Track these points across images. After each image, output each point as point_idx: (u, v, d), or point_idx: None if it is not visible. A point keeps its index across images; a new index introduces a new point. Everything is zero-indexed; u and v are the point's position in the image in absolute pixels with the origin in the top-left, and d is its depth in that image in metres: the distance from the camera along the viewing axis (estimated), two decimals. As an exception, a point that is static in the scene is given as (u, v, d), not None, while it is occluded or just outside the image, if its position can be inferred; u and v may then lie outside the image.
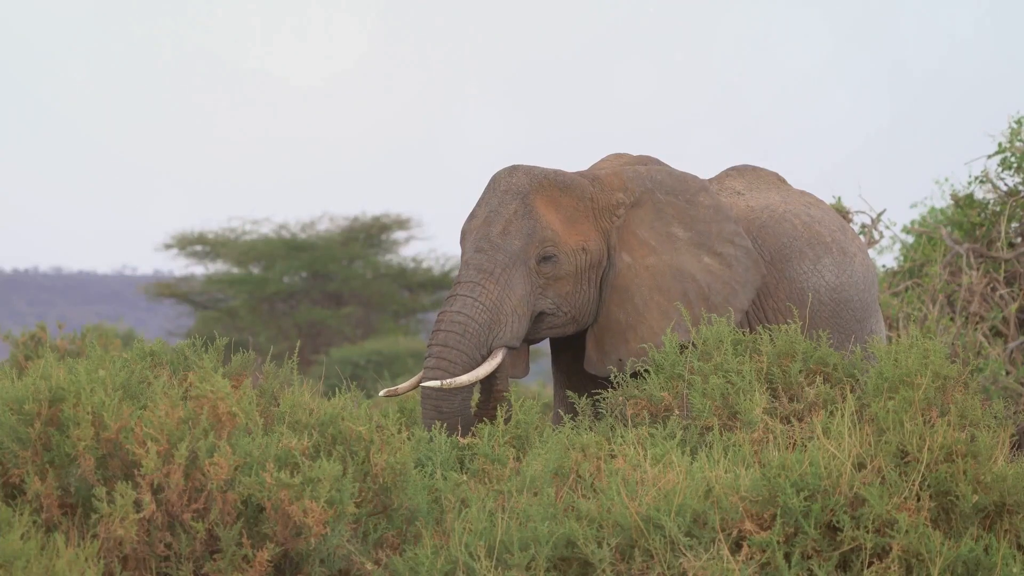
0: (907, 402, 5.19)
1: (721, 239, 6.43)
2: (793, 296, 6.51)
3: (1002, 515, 4.90)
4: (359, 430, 5.07)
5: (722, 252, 6.42)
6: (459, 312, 6.11)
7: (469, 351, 6.10)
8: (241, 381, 5.36)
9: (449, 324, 6.11)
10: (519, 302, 6.17)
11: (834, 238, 6.69)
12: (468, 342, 6.09)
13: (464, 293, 6.14)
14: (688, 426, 5.65)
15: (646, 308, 6.30)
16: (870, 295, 6.78)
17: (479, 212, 6.30)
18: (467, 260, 6.21)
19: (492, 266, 6.16)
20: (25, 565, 4.54)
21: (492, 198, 6.29)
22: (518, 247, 6.18)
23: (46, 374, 5.00)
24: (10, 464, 4.89)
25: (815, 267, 6.58)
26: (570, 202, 6.30)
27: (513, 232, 6.20)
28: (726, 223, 6.45)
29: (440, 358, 6.09)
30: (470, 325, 6.09)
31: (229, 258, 28.43)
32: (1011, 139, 9.19)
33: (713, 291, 6.37)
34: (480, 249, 6.20)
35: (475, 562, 4.77)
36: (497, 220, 6.22)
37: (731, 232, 6.45)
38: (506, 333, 6.14)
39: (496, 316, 6.12)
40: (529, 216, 6.21)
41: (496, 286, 6.14)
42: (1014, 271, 9.08)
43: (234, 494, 4.81)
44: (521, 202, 6.24)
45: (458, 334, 6.09)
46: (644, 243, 6.38)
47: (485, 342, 6.12)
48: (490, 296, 6.13)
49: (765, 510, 4.82)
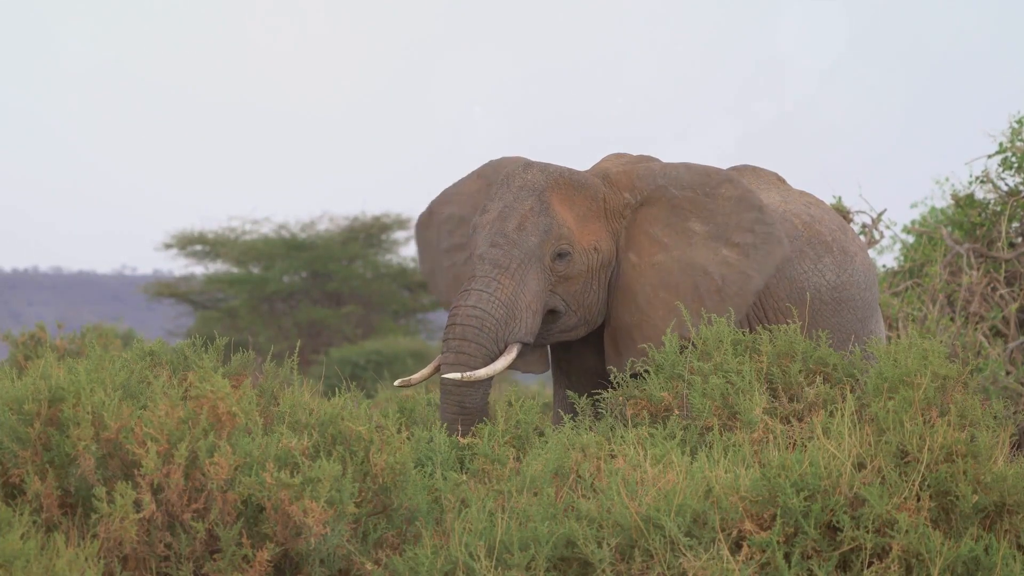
0: (907, 402, 5.19)
1: (740, 229, 6.40)
2: (794, 296, 6.51)
3: (1002, 515, 4.90)
4: (359, 430, 5.07)
5: (740, 242, 6.39)
6: (475, 306, 6.08)
7: (487, 344, 6.07)
8: (241, 381, 5.36)
9: (465, 318, 6.08)
10: (533, 298, 6.15)
11: (835, 238, 6.69)
12: (486, 336, 6.06)
13: (480, 288, 6.11)
14: (688, 426, 5.65)
15: (649, 306, 6.29)
16: (871, 294, 6.77)
17: (492, 207, 6.26)
18: (482, 254, 6.17)
19: (508, 261, 6.14)
20: (25, 565, 4.53)
21: (506, 193, 6.26)
22: (534, 243, 6.16)
23: (46, 374, 5.00)
24: (10, 464, 4.89)
25: (816, 267, 6.58)
26: (583, 201, 6.29)
27: (529, 228, 6.17)
28: (747, 212, 6.40)
29: (459, 352, 6.06)
30: (487, 319, 6.06)
31: (229, 258, 28.42)
32: (1012, 139, 9.19)
33: (728, 282, 6.33)
34: (495, 244, 6.17)
35: (475, 562, 4.77)
36: (513, 216, 6.20)
37: (751, 220, 6.41)
38: (521, 328, 6.12)
39: (511, 311, 6.09)
40: (545, 213, 6.19)
41: (511, 281, 6.12)
42: (1014, 271, 9.08)
43: (234, 494, 4.81)
44: (537, 199, 6.21)
45: (475, 328, 6.06)
46: (655, 241, 6.36)
47: (501, 337, 6.09)
48: (505, 291, 6.10)
49: (765, 510, 4.82)
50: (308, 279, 28.31)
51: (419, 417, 6.49)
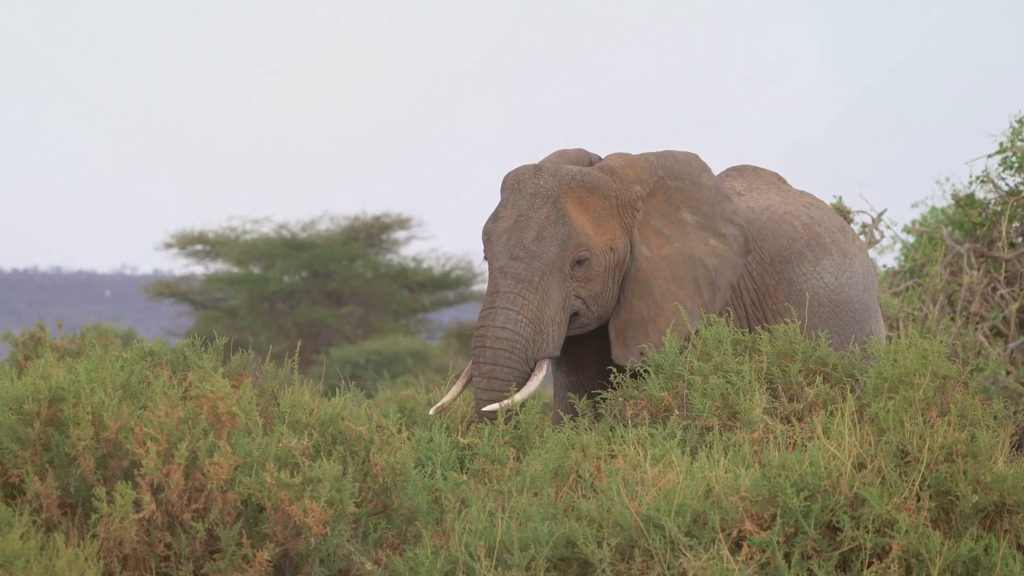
0: (907, 402, 5.19)
1: (723, 219, 6.43)
2: (792, 297, 6.51)
3: (1002, 515, 4.90)
4: (359, 430, 5.07)
5: (724, 232, 6.42)
6: (504, 328, 6.03)
7: (519, 367, 6.03)
8: (241, 381, 5.36)
9: (495, 340, 6.03)
10: (557, 310, 6.11)
11: (834, 239, 6.68)
12: (516, 358, 6.02)
13: (506, 306, 6.05)
14: (688, 426, 5.65)
15: (664, 300, 6.29)
16: (869, 296, 6.77)
17: (506, 215, 6.20)
18: (502, 267, 6.11)
19: (530, 275, 6.08)
20: (25, 565, 4.53)
21: (520, 201, 6.20)
22: (554, 254, 6.10)
23: (46, 374, 5.00)
24: (10, 464, 4.89)
25: (815, 269, 6.57)
26: (597, 202, 6.25)
27: (548, 238, 6.12)
28: (726, 203, 6.46)
29: (492, 378, 6.02)
30: (517, 341, 6.02)
31: (229, 258, 28.43)
32: (1012, 139, 9.18)
33: (719, 273, 6.37)
34: (516, 257, 6.10)
35: (475, 562, 4.77)
36: (530, 226, 6.14)
37: (730, 212, 6.46)
38: (548, 344, 6.09)
39: (538, 328, 6.05)
40: (562, 221, 6.13)
41: (536, 296, 6.06)
42: (1015, 271, 9.08)
43: (234, 494, 4.80)
44: (552, 206, 6.15)
45: (506, 351, 6.02)
46: (659, 233, 6.37)
47: (532, 356, 6.06)
48: (531, 307, 6.05)
49: (765, 510, 4.82)
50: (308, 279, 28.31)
51: (419, 417, 6.49)
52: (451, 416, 6.27)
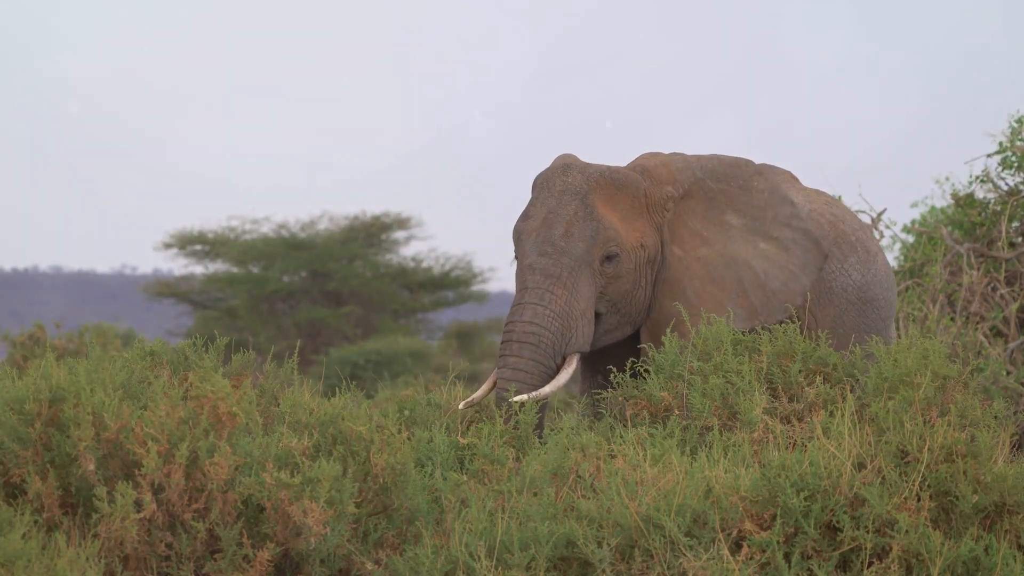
0: (907, 402, 5.19)
1: (777, 223, 6.40)
2: (821, 296, 6.49)
3: (1002, 515, 4.90)
4: (359, 430, 5.08)
5: (778, 236, 6.39)
6: (531, 323, 6.03)
7: (546, 361, 6.03)
8: (241, 381, 5.37)
9: (522, 335, 6.03)
10: (587, 305, 6.10)
11: (857, 237, 6.68)
12: (543, 353, 6.02)
13: (534, 301, 6.05)
14: (688, 426, 5.65)
15: (699, 300, 6.27)
16: (892, 294, 6.76)
17: (535, 212, 6.21)
18: (531, 264, 6.11)
19: (559, 270, 6.09)
20: (26, 565, 4.54)
21: (548, 199, 6.21)
22: (583, 249, 6.11)
23: (46, 374, 5.00)
24: (11, 464, 4.90)
25: (842, 267, 6.56)
26: (625, 199, 6.25)
27: (576, 234, 6.12)
28: (782, 206, 6.42)
29: (517, 369, 6.02)
30: (544, 335, 6.02)
31: (229, 258, 28.43)
32: (1012, 138, 9.19)
33: (770, 276, 6.33)
34: (544, 253, 6.11)
35: (475, 562, 4.77)
36: (558, 222, 6.14)
37: (788, 215, 6.42)
38: (578, 339, 6.08)
39: (567, 322, 6.05)
40: (591, 217, 6.14)
41: (564, 291, 6.07)
42: (1015, 271, 9.08)
43: (234, 494, 4.81)
44: (581, 203, 6.16)
45: (533, 344, 6.02)
46: (696, 234, 6.35)
47: (560, 351, 6.05)
48: (559, 302, 6.05)
49: (765, 510, 4.82)
50: (308, 279, 28.31)
51: (419, 417, 6.49)
52: (451, 416, 6.28)
